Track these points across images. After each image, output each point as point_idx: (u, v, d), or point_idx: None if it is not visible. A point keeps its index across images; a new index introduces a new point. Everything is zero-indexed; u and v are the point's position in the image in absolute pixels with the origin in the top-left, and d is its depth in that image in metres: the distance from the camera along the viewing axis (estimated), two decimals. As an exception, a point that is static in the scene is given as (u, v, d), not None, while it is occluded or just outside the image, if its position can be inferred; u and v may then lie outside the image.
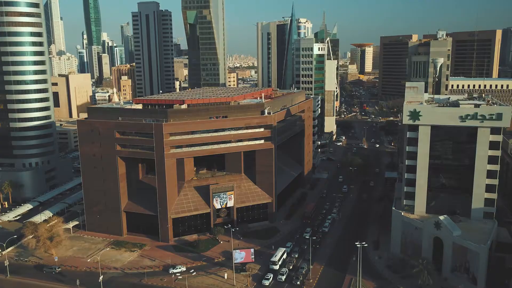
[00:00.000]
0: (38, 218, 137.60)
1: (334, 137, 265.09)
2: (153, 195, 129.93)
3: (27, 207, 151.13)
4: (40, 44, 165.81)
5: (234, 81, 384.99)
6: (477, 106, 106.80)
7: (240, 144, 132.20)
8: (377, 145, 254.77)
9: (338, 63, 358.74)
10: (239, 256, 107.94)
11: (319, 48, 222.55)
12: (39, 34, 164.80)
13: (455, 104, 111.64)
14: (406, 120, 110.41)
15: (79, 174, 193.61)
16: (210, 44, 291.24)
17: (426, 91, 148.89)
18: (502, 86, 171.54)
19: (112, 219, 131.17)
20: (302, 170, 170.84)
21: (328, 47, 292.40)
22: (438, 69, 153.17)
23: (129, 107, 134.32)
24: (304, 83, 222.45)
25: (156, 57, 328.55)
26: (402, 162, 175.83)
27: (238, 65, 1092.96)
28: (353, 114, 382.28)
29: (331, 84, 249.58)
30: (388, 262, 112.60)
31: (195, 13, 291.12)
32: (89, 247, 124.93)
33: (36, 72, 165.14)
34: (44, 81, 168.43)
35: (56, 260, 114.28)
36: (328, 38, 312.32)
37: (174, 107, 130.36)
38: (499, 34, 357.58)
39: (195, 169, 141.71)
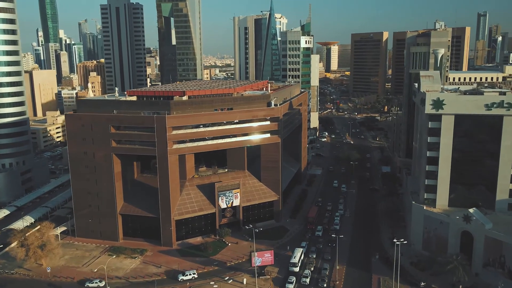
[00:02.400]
0: (20, 225, 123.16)
1: (318, 132, 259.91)
2: (151, 195, 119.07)
3: (4, 212, 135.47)
4: (13, 32, 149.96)
5: (207, 78, 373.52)
6: (502, 93, 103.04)
7: (246, 138, 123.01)
8: (362, 136, 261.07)
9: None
10: (258, 259, 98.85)
11: (306, 41, 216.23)
12: (11, 21, 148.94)
13: (479, 92, 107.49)
14: (428, 109, 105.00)
15: (54, 176, 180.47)
16: (187, 38, 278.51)
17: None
18: (496, 78, 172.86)
19: (106, 223, 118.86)
20: (299, 166, 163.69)
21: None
22: (439, 60, 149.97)
23: (124, 99, 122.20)
24: (291, 77, 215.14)
25: (128, 52, 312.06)
26: (400, 156, 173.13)
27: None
28: (328, 110, 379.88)
29: (315, 79, 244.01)
30: (412, 259, 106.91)
31: (170, 6, 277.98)
32: (82, 255, 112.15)
33: (8, 64, 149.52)
34: (17, 73, 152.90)
35: (48, 271, 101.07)
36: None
37: (174, 99, 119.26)
38: (468, 31, 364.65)
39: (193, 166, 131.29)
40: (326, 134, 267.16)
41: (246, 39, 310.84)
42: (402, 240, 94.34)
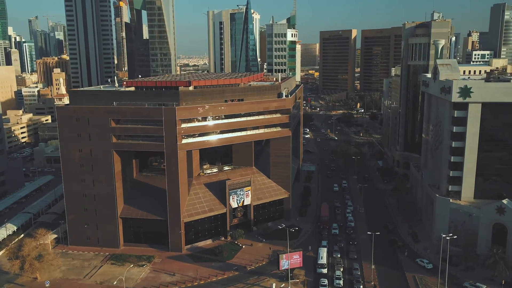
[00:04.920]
0: (2, 233, 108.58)
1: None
2: (154, 196, 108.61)
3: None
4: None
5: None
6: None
7: (257, 132, 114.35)
8: (339, 128, 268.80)
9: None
10: (286, 261, 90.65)
11: (292, 34, 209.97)
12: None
13: (504, 80, 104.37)
14: (455, 97, 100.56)
15: (27, 179, 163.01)
16: (161, 32, 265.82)
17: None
18: (484, 71, 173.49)
19: (105, 229, 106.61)
20: (298, 162, 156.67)
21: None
22: (439, 51, 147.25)
23: (122, 89, 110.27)
24: (277, 71, 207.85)
25: (95, 47, 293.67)
26: (398, 150, 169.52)
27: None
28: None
29: (297, 74, 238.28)
30: (439, 254, 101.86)
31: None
32: (81, 265, 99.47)
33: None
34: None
35: (47, 285, 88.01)
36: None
37: (179, 90, 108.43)
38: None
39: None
40: (308, 130, 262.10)
41: (221, 34, 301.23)
42: (451, 235, 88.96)
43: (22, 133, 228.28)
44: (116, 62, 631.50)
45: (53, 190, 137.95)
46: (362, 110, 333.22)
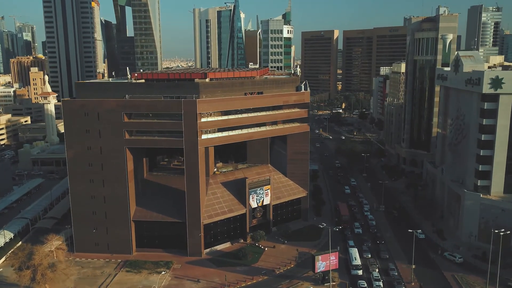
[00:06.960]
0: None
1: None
2: (167, 197, 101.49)
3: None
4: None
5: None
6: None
7: (276, 127, 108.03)
8: (325, 124, 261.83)
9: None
10: (323, 263, 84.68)
11: (288, 30, 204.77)
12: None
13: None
14: (486, 88, 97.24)
15: (15, 183, 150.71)
16: (147, 30, 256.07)
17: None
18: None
19: (116, 233, 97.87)
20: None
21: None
22: (447, 45, 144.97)
23: (135, 82, 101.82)
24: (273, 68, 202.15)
25: (75, 47, 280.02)
26: (403, 147, 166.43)
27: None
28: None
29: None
30: (472, 251, 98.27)
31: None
32: (93, 274, 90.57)
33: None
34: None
35: (61, 297, 78.98)
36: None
37: (198, 82, 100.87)
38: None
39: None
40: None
41: (207, 33, 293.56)
42: (503, 230, 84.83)
43: (0, 134, 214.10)
44: (107, 58, 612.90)
45: (49, 192, 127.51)
46: (341, 110, 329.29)
